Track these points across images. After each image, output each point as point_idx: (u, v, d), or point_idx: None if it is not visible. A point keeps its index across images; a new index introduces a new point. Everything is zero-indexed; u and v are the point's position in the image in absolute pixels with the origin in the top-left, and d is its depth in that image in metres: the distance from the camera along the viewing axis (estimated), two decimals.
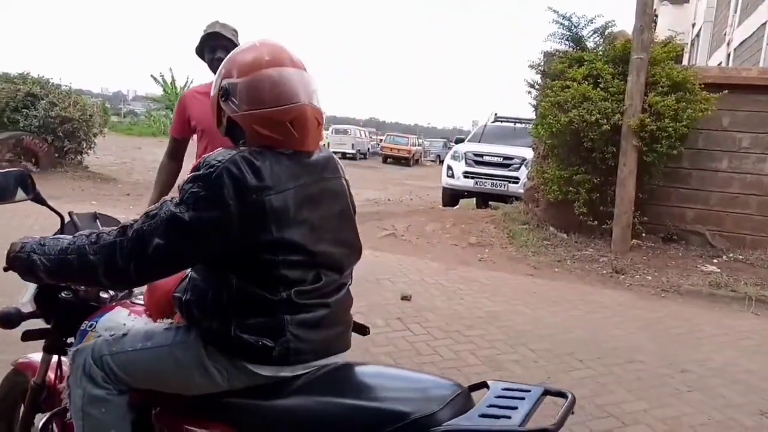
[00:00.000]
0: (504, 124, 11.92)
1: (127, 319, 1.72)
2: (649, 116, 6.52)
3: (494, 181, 10.36)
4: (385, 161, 30.79)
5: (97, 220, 2.00)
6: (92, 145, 11.24)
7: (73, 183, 10.11)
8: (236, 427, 1.48)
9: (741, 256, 6.76)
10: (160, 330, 1.60)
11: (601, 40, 7.49)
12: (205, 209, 1.39)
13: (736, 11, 14.50)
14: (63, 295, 1.80)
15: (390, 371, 1.69)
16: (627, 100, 6.64)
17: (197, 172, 1.43)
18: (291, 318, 1.45)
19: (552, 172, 7.31)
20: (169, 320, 1.65)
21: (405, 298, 5.11)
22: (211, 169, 1.40)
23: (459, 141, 12.11)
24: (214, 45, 2.69)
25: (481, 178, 10.42)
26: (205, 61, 2.77)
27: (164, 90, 37.35)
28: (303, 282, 1.48)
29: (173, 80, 37.13)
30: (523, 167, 10.14)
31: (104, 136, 11.97)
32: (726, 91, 6.67)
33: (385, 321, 4.58)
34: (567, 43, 7.59)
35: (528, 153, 9.99)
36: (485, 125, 12.00)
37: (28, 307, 1.82)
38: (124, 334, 1.60)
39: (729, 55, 14.60)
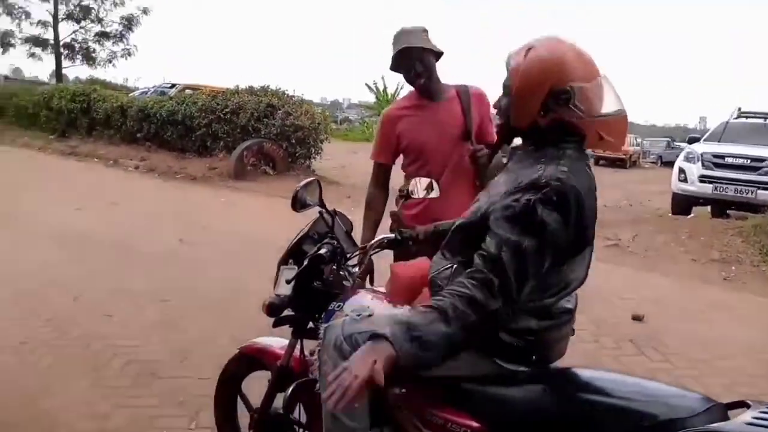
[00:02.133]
0: (751, 120, 10.35)
1: (370, 303, 1.86)
2: None
3: (739, 187, 8.98)
4: (597, 163, 28.75)
5: (336, 216, 2.14)
6: (319, 151, 12.23)
7: None
8: (477, 415, 1.51)
9: None
10: (404, 314, 1.68)
11: None
12: (553, 230, 1.40)
13: None
14: (316, 284, 1.97)
15: (630, 379, 1.64)
16: None
17: (535, 195, 1.40)
18: (546, 323, 1.51)
19: None
20: (409, 306, 1.73)
21: (636, 318, 4.63)
22: (556, 191, 1.40)
23: (693, 140, 10.73)
24: (409, 60, 2.48)
25: (723, 182, 9.10)
26: (404, 77, 2.58)
27: (377, 97, 39.60)
28: (563, 291, 1.52)
29: (385, 88, 39.22)
30: None
31: (330, 142, 12.97)
32: None
33: (616, 342, 4.19)
34: None
35: None
36: (727, 122, 10.50)
37: (286, 294, 1.96)
38: (370, 315, 1.70)
39: None
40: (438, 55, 2.55)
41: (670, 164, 31.54)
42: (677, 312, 4.90)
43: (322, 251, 1.94)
